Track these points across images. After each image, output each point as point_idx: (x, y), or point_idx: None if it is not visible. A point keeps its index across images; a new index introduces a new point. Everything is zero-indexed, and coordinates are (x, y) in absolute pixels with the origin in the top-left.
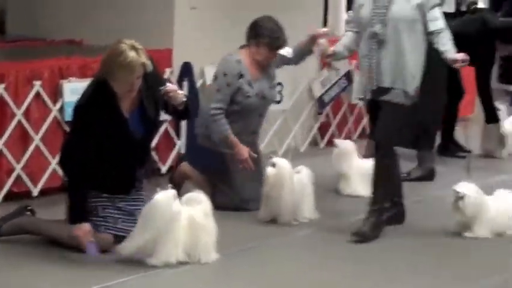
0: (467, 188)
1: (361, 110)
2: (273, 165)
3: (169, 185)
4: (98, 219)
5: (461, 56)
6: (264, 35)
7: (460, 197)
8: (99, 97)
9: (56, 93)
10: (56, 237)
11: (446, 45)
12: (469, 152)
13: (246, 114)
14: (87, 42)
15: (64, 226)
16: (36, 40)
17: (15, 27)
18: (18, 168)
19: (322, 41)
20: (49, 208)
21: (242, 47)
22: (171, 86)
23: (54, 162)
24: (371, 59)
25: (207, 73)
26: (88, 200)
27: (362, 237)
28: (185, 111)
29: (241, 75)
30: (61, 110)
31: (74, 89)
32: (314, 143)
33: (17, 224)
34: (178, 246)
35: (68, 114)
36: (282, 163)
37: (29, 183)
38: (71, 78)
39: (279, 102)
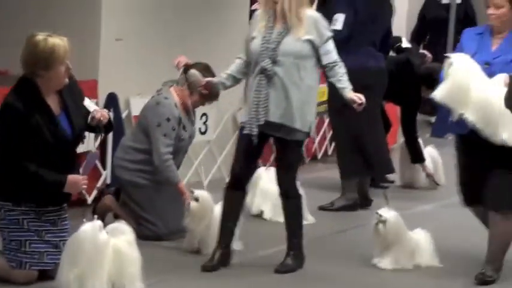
0: (389, 213)
1: None
2: (196, 199)
3: (95, 216)
4: (25, 256)
5: (358, 97)
6: (193, 79)
7: (382, 221)
8: (26, 94)
9: None
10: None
11: (342, 82)
12: (391, 182)
13: (176, 154)
14: (12, 73)
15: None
16: None
17: None
18: None
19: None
20: None
21: (171, 85)
22: (96, 110)
23: None
24: (259, 94)
25: (132, 104)
26: (14, 232)
27: (286, 267)
28: (109, 125)
29: (180, 120)
30: None
31: None
32: None
33: None
34: (104, 276)
35: None
36: (204, 196)
37: None
38: None
39: (204, 133)
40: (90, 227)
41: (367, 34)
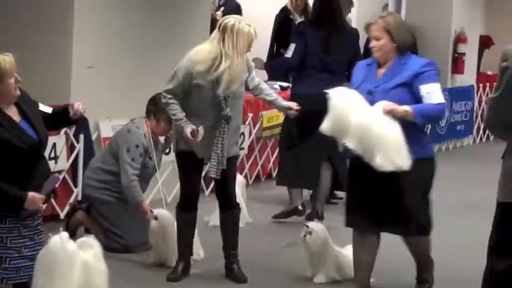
0: (316, 226)
1: (244, 160)
2: (155, 217)
3: (61, 228)
4: (5, 272)
5: (294, 104)
6: (163, 111)
7: (308, 232)
8: None
9: None
10: None
11: (271, 95)
12: (340, 199)
13: (140, 178)
14: None
15: None
16: None
17: None
18: None
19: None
20: None
21: (144, 117)
22: (72, 104)
23: None
24: (223, 137)
25: (101, 126)
26: None
27: (243, 276)
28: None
29: (147, 149)
30: None
31: None
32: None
33: None
34: (74, 285)
35: None
36: (163, 214)
37: None
38: None
39: (168, 153)
40: (59, 239)
41: (320, 63)
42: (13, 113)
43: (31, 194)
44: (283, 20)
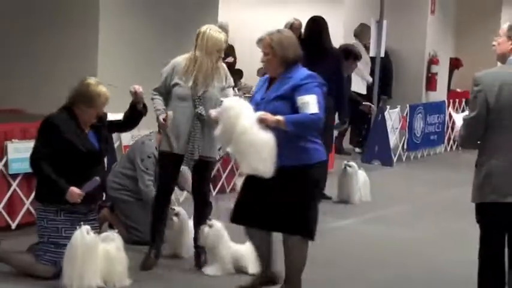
0: (214, 223)
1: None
2: (176, 214)
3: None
4: (59, 257)
5: (213, 113)
6: None
7: (209, 225)
8: (65, 116)
9: (2, 152)
10: (25, 266)
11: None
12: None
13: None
14: (27, 111)
15: (28, 256)
16: None
17: None
18: None
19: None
20: None
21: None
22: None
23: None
24: (195, 133)
25: (122, 136)
26: (53, 238)
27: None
28: (141, 112)
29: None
30: (6, 165)
31: (16, 148)
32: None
33: None
34: (97, 274)
35: (13, 169)
36: (182, 211)
37: None
38: (13, 139)
39: None
40: (79, 232)
41: None
42: (85, 125)
43: (72, 188)
44: None
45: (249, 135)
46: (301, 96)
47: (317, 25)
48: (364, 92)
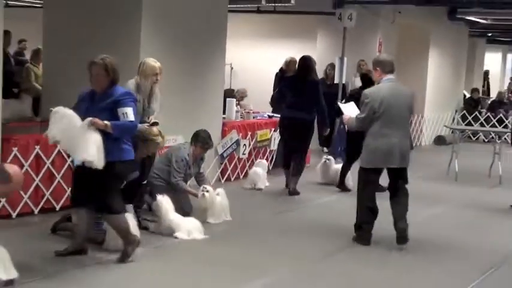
0: (210, 188)
1: (245, 161)
2: (206, 190)
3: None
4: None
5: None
6: (199, 141)
7: (206, 190)
8: None
9: None
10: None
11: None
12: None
13: (184, 179)
14: None
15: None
16: None
17: (44, 112)
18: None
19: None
20: None
21: (191, 143)
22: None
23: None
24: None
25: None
26: None
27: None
28: None
29: (187, 162)
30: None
31: None
32: (218, 179)
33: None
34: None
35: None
36: (210, 189)
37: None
38: None
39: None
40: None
41: (292, 99)
42: None
43: None
44: (281, 76)
45: (83, 133)
46: (121, 108)
47: (305, 63)
48: None
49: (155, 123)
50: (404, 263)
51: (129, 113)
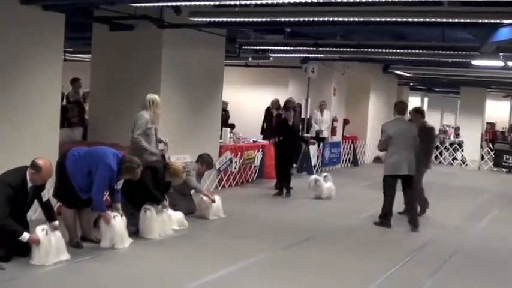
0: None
1: (236, 173)
2: (213, 201)
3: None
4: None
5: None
6: (205, 162)
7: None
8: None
9: None
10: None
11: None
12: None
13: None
14: (121, 144)
15: None
16: (97, 143)
17: (91, 136)
18: None
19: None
20: None
21: (196, 162)
22: None
23: None
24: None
25: (172, 158)
26: None
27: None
28: None
29: (195, 174)
30: None
31: None
32: (216, 187)
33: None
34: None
35: None
36: (217, 198)
37: None
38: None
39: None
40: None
41: (283, 128)
42: None
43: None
44: (268, 112)
45: None
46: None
47: (288, 103)
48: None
49: (166, 143)
50: (345, 247)
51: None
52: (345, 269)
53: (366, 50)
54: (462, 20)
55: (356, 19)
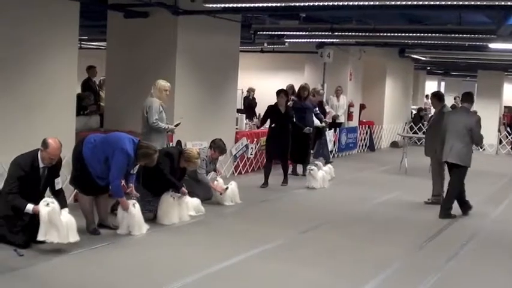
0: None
1: (252, 159)
2: (226, 188)
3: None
4: (153, 207)
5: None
6: (216, 146)
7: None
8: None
9: None
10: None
11: None
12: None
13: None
14: (137, 131)
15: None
16: (114, 130)
17: (106, 124)
18: None
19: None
20: None
21: (209, 147)
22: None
23: None
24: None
25: (187, 144)
26: None
27: None
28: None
29: (207, 162)
30: None
31: None
32: (232, 173)
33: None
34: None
35: None
36: (220, 180)
37: None
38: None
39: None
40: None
41: (297, 113)
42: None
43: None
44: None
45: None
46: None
47: (302, 90)
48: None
49: (178, 124)
50: (362, 231)
51: None
52: (363, 253)
53: (381, 34)
54: (478, 3)
55: (372, 3)
